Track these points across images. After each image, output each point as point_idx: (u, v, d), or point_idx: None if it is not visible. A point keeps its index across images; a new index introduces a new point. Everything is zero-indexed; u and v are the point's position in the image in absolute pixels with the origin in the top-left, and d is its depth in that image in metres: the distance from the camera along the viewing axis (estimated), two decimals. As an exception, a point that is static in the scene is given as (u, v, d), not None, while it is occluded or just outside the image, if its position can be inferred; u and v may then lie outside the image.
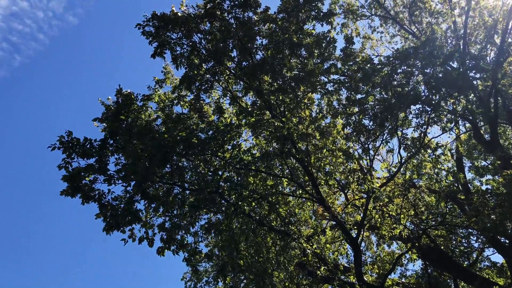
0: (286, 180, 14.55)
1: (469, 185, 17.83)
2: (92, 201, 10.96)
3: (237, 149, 13.03)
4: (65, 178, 10.69)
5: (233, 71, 14.47)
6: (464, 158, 19.89)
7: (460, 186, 17.22)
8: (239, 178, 13.52)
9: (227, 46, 13.80)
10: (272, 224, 13.76)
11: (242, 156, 12.96)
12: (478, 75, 15.33)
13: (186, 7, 13.91)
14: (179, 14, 13.49)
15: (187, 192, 12.46)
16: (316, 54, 14.09)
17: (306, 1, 14.04)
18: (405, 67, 13.52)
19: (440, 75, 13.38)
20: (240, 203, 12.60)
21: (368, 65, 13.56)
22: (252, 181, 13.67)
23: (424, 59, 13.25)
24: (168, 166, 11.71)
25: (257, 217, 13.48)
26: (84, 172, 10.87)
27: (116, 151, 11.57)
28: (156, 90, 14.38)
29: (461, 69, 13.80)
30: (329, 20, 14.32)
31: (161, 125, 12.96)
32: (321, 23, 14.38)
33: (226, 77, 14.62)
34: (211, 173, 12.63)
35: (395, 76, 13.61)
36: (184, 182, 12.25)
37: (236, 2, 13.88)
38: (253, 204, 13.41)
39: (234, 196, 12.92)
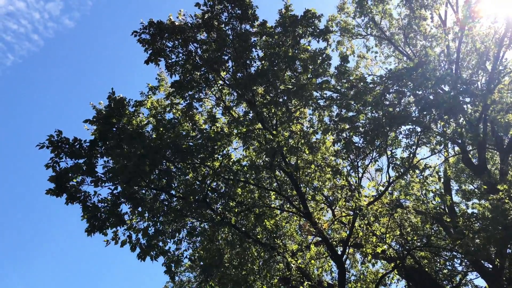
0: (274, 193, 14.55)
1: (455, 208, 17.94)
2: (77, 202, 10.86)
3: (226, 159, 13.04)
4: (52, 179, 10.60)
5: (227, 82, 14.55)
6: (452, 180, 20.05)
7: (446, 209, 17.33)
8: (227, 189, 13.50)
9: (222, 56, 13.91)
10: (258, 236, 13.71)
11: (231, 165, 12.96)
12: (468, 100, 15.56)
13: (183, 16, 14.03)
14: (176, 23, 13.60)
15: (174, 199, 12.40)
16: (310, 69, 14.23)
17: (303, 17, 14.23)
18: (397, 87, 13.68)
19: (431, 97, 13.55)
20: (226, 213, 12.56)
21: (361, 84, 13.70)
22: (240, 192, 13.65)
23: (416, 81, 13.42)
24: (156, 170, 11.66)
25: (243, 229, 13.43)
26: (71, 172, 10.80)
27: (105, 153, 11.52)
28: (149, 96, 14.38)
29: (452, 93, 14.00)
30: (325, 37, 14.50)
31: (152, 130, 12.94)
32: (317, 39, 14.56)
33: (220, 86, 14.69)
34: (199, 182, 12.60)
35: (387, 95, 13.76)
36: (171, 188, 12.20)
37: (234, 14, 14.03)
38: (240, 215, 13.37)
39: (221, 206, 12.87)
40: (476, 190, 19.70)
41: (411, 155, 14.02)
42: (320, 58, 14.28)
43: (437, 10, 18.74)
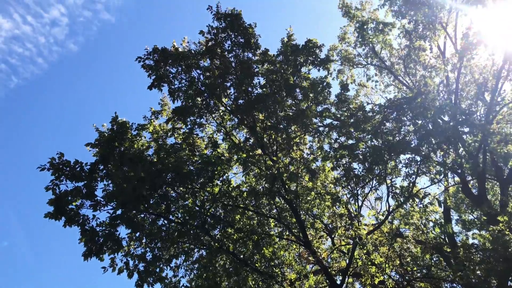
0: (273, 220, 14.47)
1: (455, 238, 17.80)
2: (75, 225, 10.81)
3: (226, 185, 13.03)
4: (51, 202, 10.59)
5: (228, 108, 14.70)
6: (452, 210, 19.95)
7: (446, 239, 17.19)
8: (226, 215, 13.44)
9: (225, 82, 14.10)
10: (256, 264, 13.56)
11: (231, 191, 12.95)
12: (467, 130, 15.67)
13: (187, 44, 14.30)
14: (180, 49, 13.86)
15: (172, 224, 12.34)
16: (311, 97, 14.40)
17: (305, 46, 14.50)
18: (396, 116, 13.80)
19: (430, 125, 13.67)
20: (224, 240, 12.47)
21: (360, 112, 13.84)
22: (238, 219, 13.58)
23: (415, 110, 13.57)
24: (155, 195, 11.65)
25: (241, 256, 13.30)
26: (71, 195, 10.79)
27: (106, 177, 11.54)
28: (152, 120, 14.50)
29: (452, 123, 14.13)
30: (326, 66, 14.74)
31: (153, 154, 12.99)
32: (318, 68, 14.79)
33: (222, 112, 14.83)
34: (198, 207, 12.56)
35: (387, 124, 13.88)
36: (170, 213, 12.16)
37: (237, 42, 14.31)
38: (238, 242, 13.26)
39: (219, 232, 12.80)
40: (476, 220, 19.59)
41: (411, 184, 14.02)
42: (321, 86, 14.48)
43: (436, 41, 19.08)
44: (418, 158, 13.93)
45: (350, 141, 14.06)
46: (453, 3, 17.66)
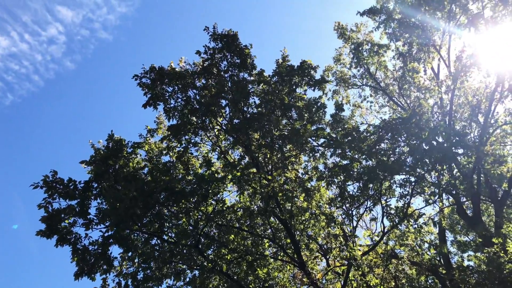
0: (268, 240, 14.38)
1: (451, 259, 17.70)
2: (67, 244, 10.70)
3: (220, 204, 12.98)
4: (43, 219, 10.51)
5: (224, 127, 14.76)
6: (447, 231, 19.90)
7: (441, 260, 17.09)
8: (219, 235, 13.34)
9: (220, 102, 14.20)
10: (250, 286, 13.40)
11: (225, 211, 12.88)
12: (461, 151, 15.76)
13: (184, 63, 14.46)
14: (177, 69, 14.00)
15: (166, 244, 12.23)
16: (306, 117, 14.50)
17: (299, 67, 14.67)
18: (391, 136, 13.87)
19: (424, 145, 13.73)
20: (218, 260, 12.35)
21: (354, 132, 13.92)
22: (232, 239, 13.48)
23: (410, 130, 13.65)
24: (148, 213, 11.58)
25: (235, 277, 13.15)
26: (63, 213, 10.71)
27: (99, 195, 11.49)
28: (147, 139, 14.53)
29: (446, 144, 14.21)
30: (321, 86, 14.88)
31: (147, 173, 12.97)
32: (313, 88, 14.94)
33: (217, 131, 14.87)
34: (192, 226, 12.47)
35: (382, 144, 13.95)
36: (163, 232, 12.06)
37: (233, 63, 14.47)
38: (232, 263, 13.14)
39: (213, 252, 12.69)
40: (471, 242, 19.53)
41: (406, 204, 14.01)
42: (316, 106, 14.59)
43: (430, 64, 19.34)
44: (413, 179, 13.96)
45: (345, 161, 14.10)
46: (446, 26, 17.97)
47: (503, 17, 15.50)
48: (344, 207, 14.29)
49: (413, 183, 13.97)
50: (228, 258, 13.01)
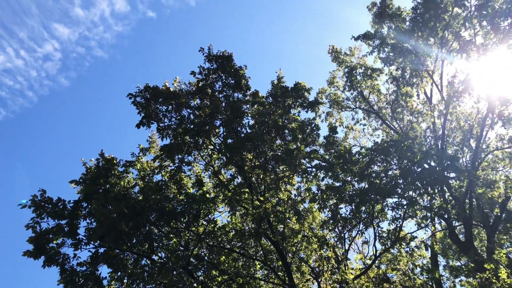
0: (259, 262, 14.24)
1: (443, 284, 17.58)
2: (55, 265, 10.50)
3: (212, 224, 12.86)
4: (31, 240, 10.33)
5: (217, 147, 14.75)
6: (439, 256, 19.81)
7: (434, 285, 16.97)
8: (211, 256, 13.20)
9: (214, 121, 14.22)
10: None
11: (216, 231, 12.76)
12: (453, 175, 15.82)
13: (179, 83, 14.52)
14: (172, 89, 14.04)
15: (155, 264, 12.05)
16: (299, 138, 14.54)
17: (293, 89, 14.80)
18: (382, 159, 13.91)
19: (417, 168, 13.76)
20: (209, 282, 12.18)
21: (347, 155, 13.96)
22: (223, 260, 13.33)
23: (401, 153, 13.70)
24: (138, 233, 11.43)
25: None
26: (52, 233, 10.55)
27: (89, 215, 11.34)
28: (140, 157, 14.46)
29: (438, 168, 14.26)
30: (314, 108, 14.99)
31: (138, 192, 12.87)
32: (306, 110, 15.04)
33: (210, 151, 14.86)
34: (182, 247, 12.33)
35: (374, 167, 13.98)
36: (153, 253, 11.90)
37: (228, 83, 14.56)
38: (223, 285, 12.95)
39: (203, 274, 12.51)
40: (463, 267, 19.45)
41: (398, 228, 13.97)
42: (309, 127, 14.66)
43: (422, 88, 19.59)
44: (405, 202, 13.95)
45: (337, 183, 14.10)
46: (439, 52, 18.26)
47: (493, 45, 15.80)
48: (336, 229, 14.23)
49: (405, 206, 13.96)
50: (219, 280, 12.84)
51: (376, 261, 14.41)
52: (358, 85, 19.91)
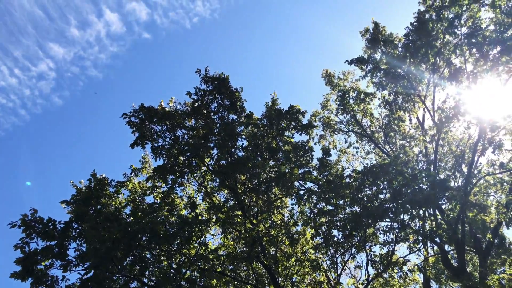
0: (251, 286, 14.03)
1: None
2: (43, 287, 10.26)
3: (203, 247, 12.71)
4: (19, 261, 10.12)
5: (211, 168, 14.71)
6: (432, 281, 19.68)
7: (427, 312, 16.82)
8: (202, 279, 12.98)
9: (208, 143, 14.21)
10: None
11: (208, 254, 12.60)
12: (445, 199, 15.87)
13: (174, 104, 14.56)
14: (167, 109, 14.07)
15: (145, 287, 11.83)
16: (293, 160, 14.56)
17: (288, 112, 14.91)
18: (372, 182, 13.92)
19: (408, 191, 13.77)
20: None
21: (338, 179, 13.98)
22: (214, 283, 13.13)
23: (391, 175, 13.72)
24: (130, 256, 11.24)
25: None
26: (41, 254, 10.34)
27: (80, 236, 11.17)
28: (132, 178, 14.36)
29: (430, 191, 14.29)
30: (308, 131, 15.08)
31: (130, 213, 12.72)
32: (300, 132, 15.13)
33: (203, 172, 14.80)
34: (174, 270, 12.13)
35: (365, 190, 13.98)
36: (144, 276, 11.68)
37: (223, 104, 14.63)
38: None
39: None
40: (456, 292, 19.33)
41: (390, 252, 13.90)
42: (303, 150, 14.71)
43: (415, 113, 19.83)
44: (396, 225, 13.91)
45: (329, 207, 14.07)
46: (431, 78, 18.57)
47: (483, 72, 16.12)
48: (329, 253, 14.13)
49: (396, 230, 13.92)
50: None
51: (369, 286, 14.27)
52: (351, 108, 20.12)
